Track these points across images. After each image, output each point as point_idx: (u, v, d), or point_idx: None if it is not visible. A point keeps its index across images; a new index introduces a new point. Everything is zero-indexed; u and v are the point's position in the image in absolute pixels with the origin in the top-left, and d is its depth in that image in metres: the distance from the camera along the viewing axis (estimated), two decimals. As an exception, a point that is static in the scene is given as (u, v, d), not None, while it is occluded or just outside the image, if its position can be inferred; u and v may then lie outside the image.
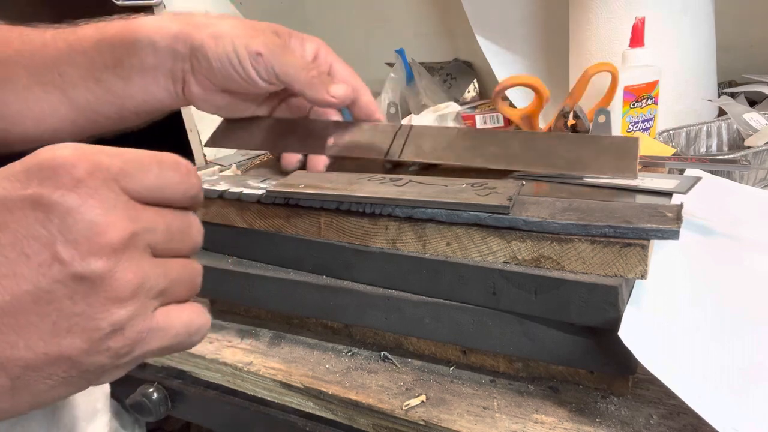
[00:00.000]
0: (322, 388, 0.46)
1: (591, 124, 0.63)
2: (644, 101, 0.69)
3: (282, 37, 0.51)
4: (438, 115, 0.93)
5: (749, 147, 0.62)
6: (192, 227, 0.28)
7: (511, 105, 0.89)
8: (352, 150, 0.53)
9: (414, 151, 0.51)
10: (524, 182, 0.46)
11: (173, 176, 0.27)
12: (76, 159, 0.24)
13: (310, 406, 0.47)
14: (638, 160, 0.46)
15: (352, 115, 0.54)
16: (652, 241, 0.38)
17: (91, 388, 0.26)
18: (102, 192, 0.24)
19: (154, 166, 0.26)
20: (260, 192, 0.50)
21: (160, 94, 0.50)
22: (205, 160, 1.03)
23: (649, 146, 0.57)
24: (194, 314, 0.28)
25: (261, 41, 0.48)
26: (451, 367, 0.47)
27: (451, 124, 0.95)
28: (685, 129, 0.69)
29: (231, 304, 0.58)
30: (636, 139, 0.47)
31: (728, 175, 0.57)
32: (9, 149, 0.49)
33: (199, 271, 0.29)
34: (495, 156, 0.50)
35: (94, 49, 0.48)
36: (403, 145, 0.52)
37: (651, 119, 0.70)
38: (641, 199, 0.43)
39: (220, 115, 0.55)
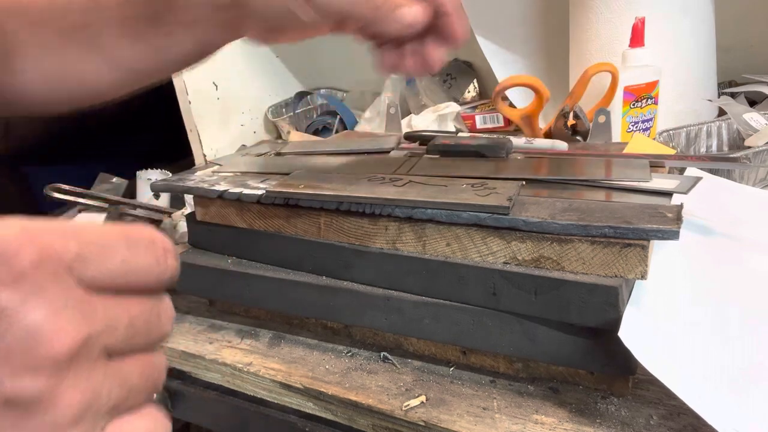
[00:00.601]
0: (322, 389, 0.46)
1: (591, 124, 0.63)
2: (644, 101, 0.69)
3: None
4: (438, 115, 0.93)
5: (749, 147, 0.62)
6: (162, 316, 0.22)
7: (511, 105, 0.89)
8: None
9: (423, 171, 0.51)
10: (524, 182, 0.46)
11: (145, 259, 0.21)
12: (21, 244, 0.19)
13: (309, 407, 0.47)
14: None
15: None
16: (652, 241, 0.38)
17: None
18: (50, 288, 0.19)
19: (121, 247, 0.21)
20: (260, 192, 0.50)
21: (211, 42, 0.46)
22: (205, 160, 1.03)
23: (649, 147, 0.57)
24: (151, 425, 0.22)
25: None
26: (451, 367, 0.47)
27: (451, 124, 0.95)
28: (685, 129, 0.69)
29: (231, 304, 0.58)
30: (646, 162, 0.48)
31: (728, 174, 0.57)
32: (57, 109, 0.47)
33: (162, 369, 0.23)
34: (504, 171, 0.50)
35: (125, 4, 0.43)
36: (411, 167, 0.52)
37: (651, 119, 0.70)
38: (641, 199, 0.43)
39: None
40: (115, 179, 0.97)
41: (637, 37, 0.70)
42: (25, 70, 0.45)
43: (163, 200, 0.87)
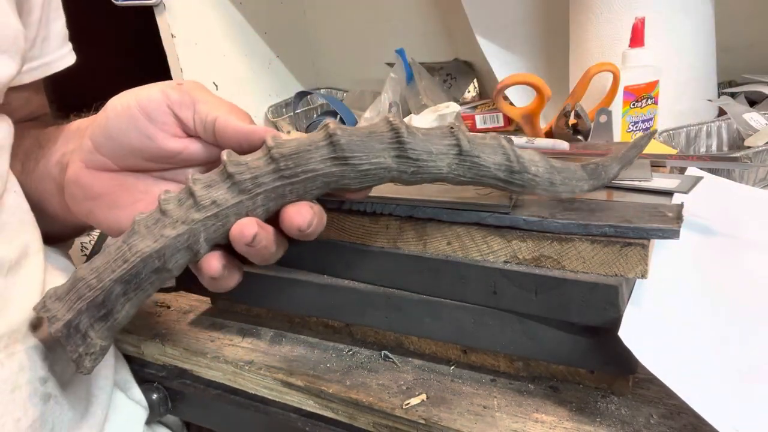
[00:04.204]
0: (323, 387, 0.46)
1: (592, 124, 0.63)
2: (644, 101, 0.69)
3: None
4: (438, 115, 0.94)
5: (749, 147, 0.62)
6: None
7: (511, 104, 0.89)
8: None
9: None
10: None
11: None
12: None
13: (310, 405, 0.48)
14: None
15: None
16: (652, 240, 0.38)
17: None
18: None
19: None
20: (261, 191, 0.50)
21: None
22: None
23: (650, 147, 0.57)
24: None
25: (183, 83, 0.41)
26: (452, 366, 0.47)
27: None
28: (685, 129, 0.69)
29: (232, 303, 0.58)
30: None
31: (729, 174, 0.57)
32: None
33: None
34: None
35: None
36: None
37: (651, 119, 0.71)
38: (642, 198, 0.43)
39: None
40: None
41: (637, 37, 0.70)
42: None
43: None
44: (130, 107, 0.39)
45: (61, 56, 0.52)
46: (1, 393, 0.39)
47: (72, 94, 0.59)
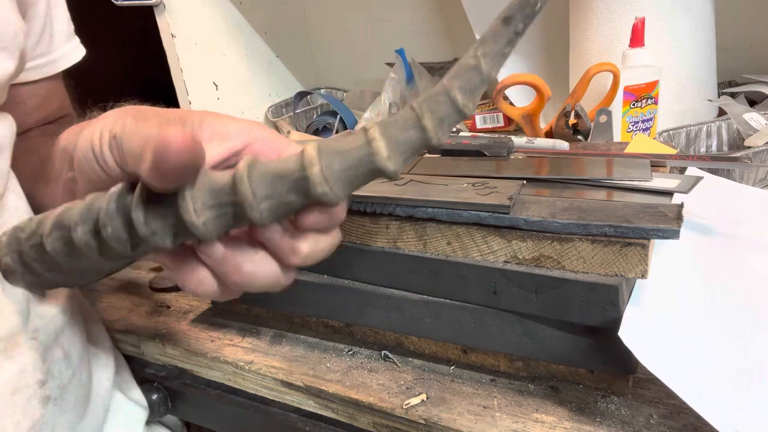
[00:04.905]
0: (323, 387, 0.46)
1: (592, 124, 0.63)
2: (644, 101, 0.69)
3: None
4: (438, 114, 0.93)
5: (749, 147, 0.62)
6: None
7: (511, 105, 0.89)
8: None
9: (424, 170, 0.51)
10: (525, 181, 0.46)
11: None
12: None
13: (310, 405, 0.48)
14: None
15: None
16: (652, 240, 0.38)
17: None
18: None
19: None
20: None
21: None
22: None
23: (649, 147, 0.57)
24: None
25: (122, 123, 0.33)
26: (452, 366, 0.47)
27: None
28: (685, 129, 0.69)
29: (232, 302, 0.58)
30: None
31: (728, 174, 0.57)
32: None
33: None
34: (505, 171, 0.50)
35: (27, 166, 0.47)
36: (412, 166, 0.52)
37: (651, 119, 0.71)
38: (642, 198, 0.43)
39: None
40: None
41: (637, 37, 0.70)
42: None
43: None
44: (87, 154, 0.34)
45: (68, 52, 0.51)
46: (1, 396, 0.39)
47: (71, 94, 0.59)
